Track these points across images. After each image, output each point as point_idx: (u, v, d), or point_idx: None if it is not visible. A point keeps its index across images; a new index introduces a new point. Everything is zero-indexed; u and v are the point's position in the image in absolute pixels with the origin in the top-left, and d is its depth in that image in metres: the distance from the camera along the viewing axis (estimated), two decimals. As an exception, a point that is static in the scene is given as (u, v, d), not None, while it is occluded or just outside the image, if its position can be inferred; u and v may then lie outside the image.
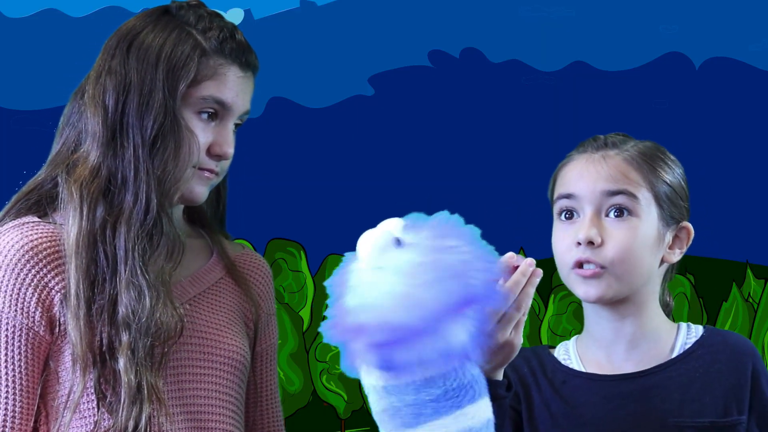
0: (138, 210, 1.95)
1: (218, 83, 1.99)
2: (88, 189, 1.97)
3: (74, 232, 1.95)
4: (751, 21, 3.80)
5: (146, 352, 1.91)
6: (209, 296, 2.07)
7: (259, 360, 2.14)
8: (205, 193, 2.02)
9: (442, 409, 1.67)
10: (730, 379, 1.99)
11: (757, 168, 3.79)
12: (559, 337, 3.73)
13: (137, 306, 1.92)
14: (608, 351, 2.04)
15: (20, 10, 3.64)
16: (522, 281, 1.79)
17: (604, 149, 2.02)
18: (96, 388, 1.91)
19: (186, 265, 2.06)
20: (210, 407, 2.00)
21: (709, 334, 2.04)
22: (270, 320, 2.15)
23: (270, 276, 2.18)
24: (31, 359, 1.96)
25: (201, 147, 1.98)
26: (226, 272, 2.10)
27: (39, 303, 1.95)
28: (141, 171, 1.96)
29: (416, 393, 1.67)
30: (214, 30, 2.01)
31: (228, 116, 2.01)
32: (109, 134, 1.98)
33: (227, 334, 2.04)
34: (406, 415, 1.68)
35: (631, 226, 1.97)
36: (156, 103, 1.97)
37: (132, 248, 1.94)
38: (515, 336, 1.80)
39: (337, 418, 3.74)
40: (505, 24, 3.76)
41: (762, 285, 3.83)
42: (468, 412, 1.68)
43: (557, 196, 2.03)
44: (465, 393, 1.68)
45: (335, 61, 3.73)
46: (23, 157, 3.43)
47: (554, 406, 2.01)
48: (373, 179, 3.71)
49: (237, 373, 2.04)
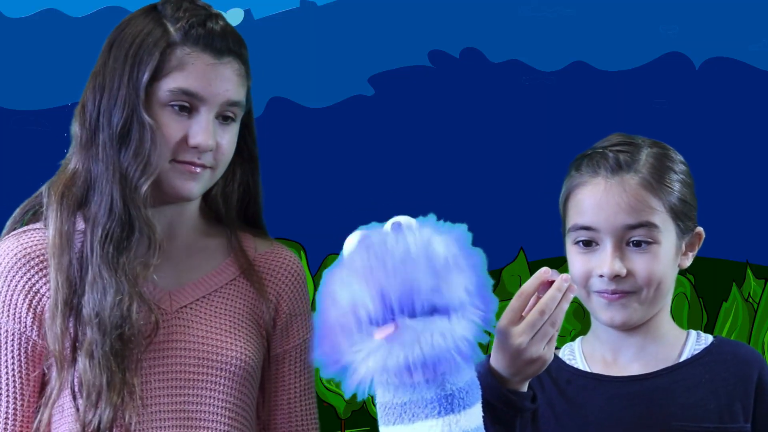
0: (103, 207, 1.94)
1: (185, 74, 1.95)
2: (64, 192, 1.98)
3: (51, 234, 1.96)
4: (751, 21, 3.80)
5: (113, 351, 1.90)
6: (215, 299, 2.04)
7: (281, 362, 2.09)
8: (194, 187, 1.98)
9: (435, 411, 1.67)
10: (736, 387, 1.98)
11: (757, 168, 3.79)
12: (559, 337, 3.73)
13: (101, 304, 1.91)
14: (615, 353, 2.03)
15: (20, 10, 3.64)
16: (557, 296, 1.79)
17: (619, 172, 1.97)
18: (71, 386, 1.92)
19: (197, 267, 2.05)
20: (204, 413, 1.98)
21: (719, 342, 2.04)
22: (294, 321, 2.09)
23: (299, 274, 2.12)
24: (25, 363, 1.97)
25: (169, 140, 1.94)
26: (241, 273, 2.07)
27: (30, 308, 1.96)
28: (109, 168, 1.95)
29: (411, 394, 1.67)
30: (183, 20, 1.96)
31: (202, 106, 1.95)
32: (88, 136, 1.98)
33: (229, 338, 2.02)
34: (401, 413, 1.68)
35: (654, 253, 1.96)
36: (121, 99, 1.95)
37: (98, 246, 1.93)
38: (548, 350, 1.80)
39: (337, 418, 3.74)
40: (505, 24, 3.76)
41: (762, 285, 3.83)
42: (460, 417, 1.68)
43: (574, 226, 1.99)
44: (459, 398, 1.68)
45: (335, 61, 3.73)
46: (23, 157, 3.43)
47: (558, 405, 2.00)
48: (373, 179, 3.71)
49: (237, 379, 2.00)
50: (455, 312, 1.64)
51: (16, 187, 2.06)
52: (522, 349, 1.78)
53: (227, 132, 1.99)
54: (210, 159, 1.98)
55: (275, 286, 2.09)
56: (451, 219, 1.74)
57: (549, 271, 1.80)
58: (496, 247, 1.75)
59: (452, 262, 1.65)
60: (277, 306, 2.08)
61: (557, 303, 1.78)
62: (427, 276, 1.63)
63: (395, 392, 1.68)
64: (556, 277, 1.80)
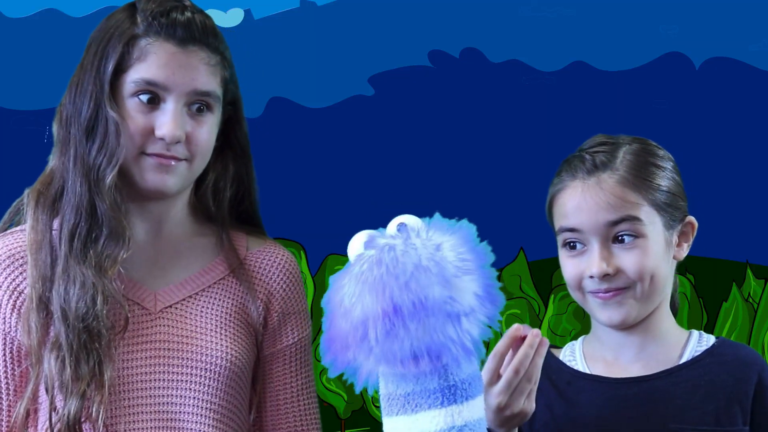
0: (71, 202, 1.94)
1: (147, 64, 1.93)
2: (40, 190, 1.98)
3: (27, 232, 1.97)
4: (751, 21, 3.80)
5: (79, 344, 1.89)
6: (202, 298, 2.03)
7: (274, 361, 2.08)
8: (169, 180, 1.96)
9: (438, 401, 1.69)
10: (736, 390, 1.98)
11: (757, 168, 3.79)
12: (559, 337, 3.73)
13: (66, 298, 1.91)
14: (616, 354, 2.03)
15: (20, 10, 3.64)
16: (530, 353, 1.82)
17: (595, 173, 1.98)
18: (44, 380, 1.92)
19: (185, 266, 2.04)
20: (187, 414, 1.96)
21: (720, 344, 2.04)
22: (287, 320, 2.08)
23: (292, 272, 2.10)
24: (10, 362, 1.97)
25: (134, 132, 1.93)
26: (230, 272, 2.06)
27: (14, 308, 1.97)
28: (77, 163, 1.94)
29: (414, 384, 1.69)
30: (147, 12, 1.95)
31: (168, 96, 1.94)
32: (64, 133, 1.98)
33: (214, 338, 2.00)
34: (405, 403, 1.70)
35: (641, 247, 1.96)
36: (88, 94, 1.95)
37: (66, 241, 1.93)
38: (528, 404, 1.85)
39: (337, 418, 3.74)
40: (505, 24, 3.76)
41: (762, 285, 3.83)
42: (463, 408, 1.70)
43: (559, 229, 2.01)
44: (461, 389, 1.70)
45: (335, 61, 3.72)
46: (23, 157, 3.42)
47: (557, 408, 2.00)
48: (373, 179, 3.70)
49: (222, 379, 1.99)
50: (465, 317, 1.66)
51: (16, 187, 2.06)
52: (503, 407, 1.83)
53: (201, 123, 1.97)
54: (182, 151, 1.96)
55: (266, 284, 2.08)
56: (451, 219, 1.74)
57: (521, 328, 1.84)
58: (496, 247, 1.74)
59: (462, 268, 1.67)
60: (268, 305, 2.07)
61: (530, 359, 1.82)
62: (439, 287, 1.65)
63: (399, 383, 1.70)
64: (528, 332, 1.84)
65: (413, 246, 1.67)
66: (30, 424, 1.96)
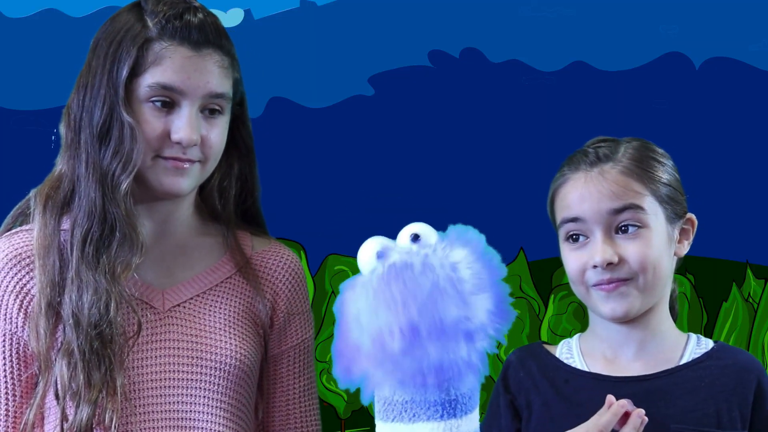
0: (83, 208, 1.93)
1: (162, 68, 1.93)
2: (49, 194, 1.98)
3: (36, 237, 1.96)
4: (751, 21, 3.80)
5: (92, 351, 1.88)
6: (210, 297, 2.03)
7: (279, 362, 2.08)
8: (183, 183, 1.96)
9: (437, 414, 1.69)
10: (735, 393, 1.97)
11: (757, 168, 3.79)
12: (559, 337, 3.73)
13: (78, 304, 1.90)
14: (616, 352, 2.02)
15: (20, 10, 3.64)
16: None
17: (598, 164, 1.99)
18: (54, 387, 1.92)
19: (192, 265, 2.04)
20: (197, 413, 1.97)
21: (719, 348, 2.03)
22: (292, 320, 2.08)
23: (297, 273, 2.10)
24: (17, 364, 1.97)
25: (150, 137, 1.93)
26: (237, 270, 2.06)
27: (21, 308, 1.96)
28: (89, 168, 1.94)
29: (414, 393, 1.69)
30: (160, 14, 1.94)
31: (184, 100, 1.93)
32: (72, 136, 1.97)
33: (223, 336, 2.01)
34: (402, 411, 1.70)
35: (645, 237, 1.96)
36: (101, 97, 1.93)
37: (78, 247, 1.92)
38: None
39: (337, 418, 3.74)
40: (505, 24, 3.76)
41: (762, 285, 3.83)
42: (461, 422, 1.70)
43: (562, 220, 2.00)
44: (462, 403, 1.70)
45: (335, 61, 3.72)
46: (23, 157, 3.43)
47: (555, 407, 2.00)
48: (373, 179, 3.70)
49: (231, 378, 1.99)
50: (477, 334, 1.67)
51: (16, 187, 2.06)
52: None
53: (215, 125, 1.98)
54: (197, 153, 1.96)
55: (272, 284, 2.08)
56: (451, 219, 1.74)
57: (626, 405, 1.88)
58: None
59: (477, 285, 1.68)
60: (274, 305, 2.07)
61: None
62: (455, 308, 1.66)
63: (398, 390, 1.70)
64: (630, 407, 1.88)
65: (431, 267, 1.67)
66: (36, 426, 1.96)
